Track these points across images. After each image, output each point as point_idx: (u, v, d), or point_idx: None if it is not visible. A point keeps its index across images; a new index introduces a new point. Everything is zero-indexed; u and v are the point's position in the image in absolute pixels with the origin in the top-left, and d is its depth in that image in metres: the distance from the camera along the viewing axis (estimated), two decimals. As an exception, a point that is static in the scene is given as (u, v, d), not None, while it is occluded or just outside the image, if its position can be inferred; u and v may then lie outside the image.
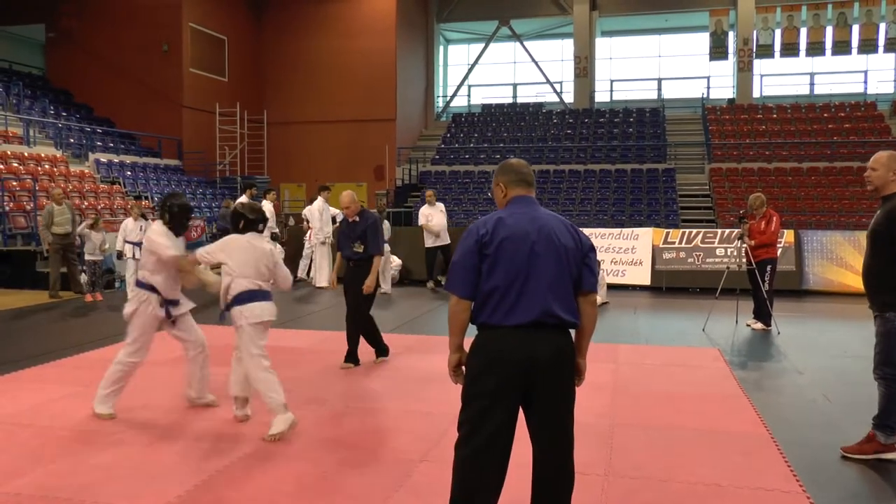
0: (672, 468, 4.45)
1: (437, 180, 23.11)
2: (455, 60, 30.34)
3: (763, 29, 25.04)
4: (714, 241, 13.40)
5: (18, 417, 5.37)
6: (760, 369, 7.37)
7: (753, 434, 5.12)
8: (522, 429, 3.14)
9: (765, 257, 9.32)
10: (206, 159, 23.41)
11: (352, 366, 6.99)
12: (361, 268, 6.80)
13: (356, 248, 6.76)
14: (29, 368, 6.93)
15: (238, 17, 25.11)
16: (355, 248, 6.77)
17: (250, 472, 4.34)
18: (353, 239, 6.77)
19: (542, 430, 3.13)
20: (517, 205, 3.24)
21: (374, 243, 6.78)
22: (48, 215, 12.00)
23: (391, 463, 4.51)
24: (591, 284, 3.20)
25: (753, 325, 9.45)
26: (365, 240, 6.75)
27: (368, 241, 6.76)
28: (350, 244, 6.79)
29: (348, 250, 6.86)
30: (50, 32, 23.63)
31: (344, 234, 6.98)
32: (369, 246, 6.77)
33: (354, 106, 24.82)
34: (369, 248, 6.78)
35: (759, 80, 26.30)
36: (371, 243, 6.77)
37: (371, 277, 6.77)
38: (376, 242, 6.82)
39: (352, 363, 7.02)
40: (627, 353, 7.82)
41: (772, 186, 19.76)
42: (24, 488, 4.09)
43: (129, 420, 5.31)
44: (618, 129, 24.74)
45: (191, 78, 22.93)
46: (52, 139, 18.98)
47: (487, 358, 3.08)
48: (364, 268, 6.79)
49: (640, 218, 19.15)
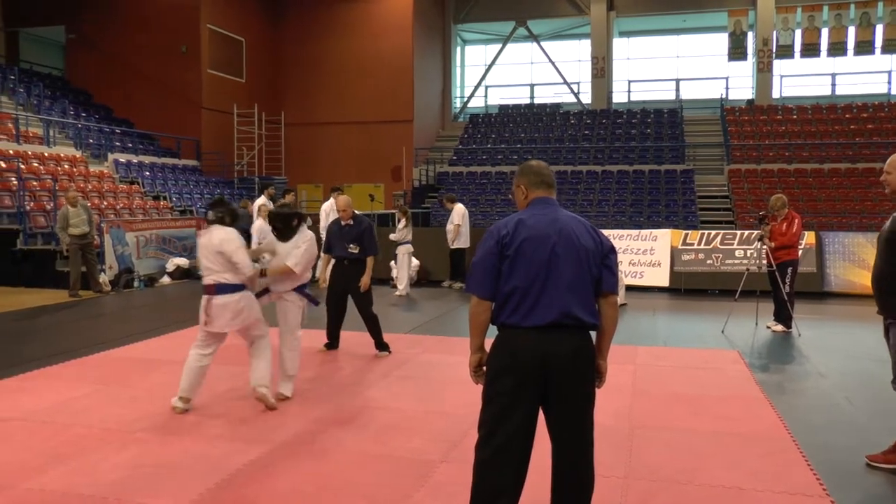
0: (692, 471, 4.41)
1: (454, 181, 23.12)
2: (472, 61, 30.32)
3: (783, 29, 24.82)
4: (733, 242, 13.30)
5: (40, 415, 5.41)
6: (781, 372, 7.30)
7: (775, 437, 5.07)
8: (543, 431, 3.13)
9: (786, 259, 9.23)
10: (223, 160, 23.52)
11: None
12: (355, 266, 7.38)
13: (351, 248, 7.35)
14: (50, 366, 6.98)
15: (256, 19, 25.23)
16: (350, 248, 7.35)
17: (270, 471, 4.36)
18: (349, 240, 7.37)
19: (562, 430, 3.12)
20: (538, 206, 3.24)
21: (371, 245, 7.44)
22: (63, 218, 12.14)
23: (411, 463, 4.51)
24: (611, 286, 3.19)
25: (774, 327, 9.36)
26: (362, 242, 7.37)
27: (366, 244, 7.39)
28: (345, 245, 7.37)
29: (342, 251, 7.41)
30: (70, 34, 23.83)
31: (336, 235, 7.51)
32: (367, 248, 7.41)
33: (372, 107, 24.86)
34: (367, 250, 7.41)
35: (779, 80, 26.07)
36: (368, 245, 7.41)
37: (367, 275, 7.38)
38: (373, 244, 7.47)
39: (332, 347, 7.77)
40: (646, 354, 7.77)
41: (792, 188, 19.59)
42: (48, 484, 4.12)
43: (149, 418, 5.34)
44: (635, 130, 24.64)
45: (209, 79, 23.06)
46: (71, 139, 19.13)
47: (507, 358, 3.08)
48: (357, 267, 7.38)
49: (658, 219, 19.06)
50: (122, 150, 20.32)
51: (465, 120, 27.98)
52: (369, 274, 7.41)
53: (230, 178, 23.40)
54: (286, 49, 25.93)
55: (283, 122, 25.43)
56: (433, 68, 27.40)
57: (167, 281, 14.26)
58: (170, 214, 17.49)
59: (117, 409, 5.58)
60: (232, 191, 22.21)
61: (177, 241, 15.23)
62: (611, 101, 27.12)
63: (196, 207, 19.11)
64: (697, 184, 21.40)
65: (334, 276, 7.53)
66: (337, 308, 7.63)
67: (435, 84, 27.68)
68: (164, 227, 15.12)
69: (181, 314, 10.46)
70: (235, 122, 23.90)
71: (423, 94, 25.93)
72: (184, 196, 19.57)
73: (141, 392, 6.07)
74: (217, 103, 23.26)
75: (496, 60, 28.99)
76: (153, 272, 14.19)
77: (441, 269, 14.00)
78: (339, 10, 25.29)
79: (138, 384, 6.35)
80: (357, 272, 7.36)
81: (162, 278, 14.26)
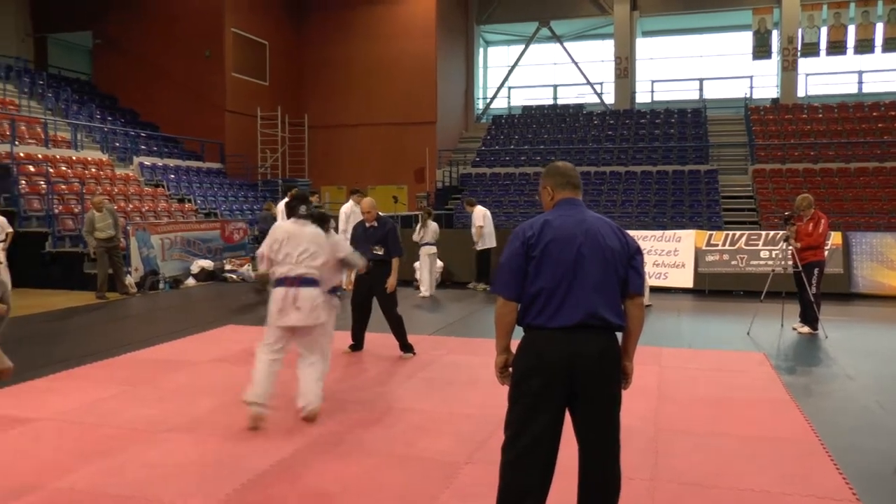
0: (719, 474, 4.38)
1: (477, 182, 23.11)
2: (495, 62, 30.30)
3: (808, 27, 24.52)
4: (758, 243, 13.17)
5: (69, 415, 5.49)
6: (808, 374, 7.22)
7: (803, 440, 5.02)
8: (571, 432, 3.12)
9: (812, 260, 9.12)
10: (247, 162, 23.69)
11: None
12: (379, 268, 7.31)
13: (376, 250, 7.36)
14: (78, 367, 7.07)
15: (279, 22, 25.39)
16: (375, 250, 7.36)
17: (296, 472, 4.38)
18: (373, 242, 7.40)
19: (588, 431, 3.11)
20: (564, 207, 3.23)
21: (395, 246, 7.46)
22: (89, 222, 12.30)
23: (437, 464, 4.51)
24: (637, 287, 3.18)
25: (800, 328, 9.26)
26: (386, 243, 7.42)
27: (390, 245, 7.43)
28: (369, 247, 7.34)
29: (367, 252, 7.27)
30: (97, 39, 24.14)
31: (361, 237, 7.54)
32: (391, 249, 7.43)
33: (395, 109, 24.92)
34: (391, 251, 7.42)
35: (804, 79, 25.78)
36: (392, 247, 7.44)
37: (393, 276, 7.41)
38: (397, 245, 7.48)
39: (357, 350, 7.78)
40: (671, 356, 7.72)
41: (818, 187, 19.36)
42: (77, 484, 4.18)
43: (176, 419, 5.38)
44: (659, 130, 24.48)
45: (233, 82, 23.24)
46: (98, 143, 19.38)
47: (533, 359, 3.08)
48: (382, 269, 7.34)
49: (682, 220, 18.93)
50: (148, 153, 20.54)
51: (489, 121, 27.96)
52: (395, 275, 7.42)
53: (254, 180, 23.57)
54: (309, 52, 26.07)
55: (307, 125, 25.57)
56: (456, 70, 27.41)
57: (192, 283, 14.39)
58: (194, 217, 17.65)
59: (144, 409, 5.64)
60: (255, 193, 22.38)
61: (201, 243, 15.36)
62: (634, 101, 26.97)
63: (220, 210, 19.28)
64: (721, 184, 21.22)
65: (359, 277, 7.47)
66: (362, 310, 7.66)
67: (458, 85, 27.69)
68: (188, 229, 15.26)
69: (206, 315, 10.57)
70: (259, 125, 24.08)
71: (446, 96, 25.95)
72: (208, 199, 19.74)
73: (167, 393, 6.13)
74: (241, 106, 23.45)
75: (519, 61, 28.93)
76: (178, 274, 14.33)
77: (465, 270, 14.00)
78: (362, 13, 25.37)
79: (164, 385, 6.41)
80: (382, 274, 7.34)
81: (187, 280, 14.40)
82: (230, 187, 21.67)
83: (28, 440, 4.94)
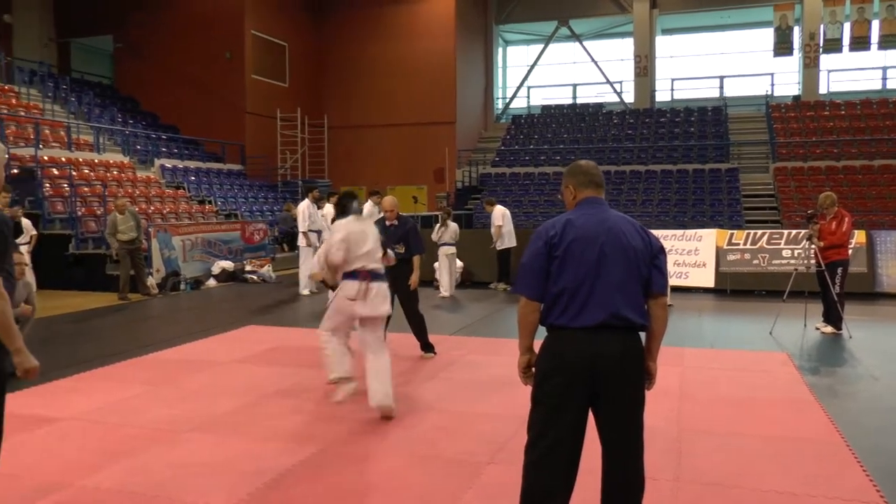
0: (743, 475, 4.34)
1: (497, 182, 23.09)
2: (514, 62, 30.25)
3: (831, 22, 24.24)
4: (780, 242, 13.05)
5: (93, 414, 5.55)
6: (832, 374, 7.14)
7: (827, 441, 4.96)
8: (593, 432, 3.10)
9: (835, 259, 9.02)
10: (267, 164, 23.83)
11: (433, 355, 7.60)
12: (401, 267, 7.32)
13: (397, 249, 7.37)
14: (101, 367, 7.15)
15: (298, 24, 25.51)
16: (396, 249, 7.36)
17: (318, 472, 4.40)
18: (394, 241, 7.38)
19: (611, 432, 3.09)
20: (586, 206, 3.21)
21: (416, 245, 7.52)
22: (111, 224, 12.43)
23: (459, 464, 4.51)
24: (660, 286, 3.16)
25: (823, 328, 9.16)
26: (408, 241, 7.45)
27: (411, 243, 7.47)
28: (390, 245, 7.32)
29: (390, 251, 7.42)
30: (118, 43, 24.40)
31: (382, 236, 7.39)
32: (412, 247, 7.46)
33: (414, 109, 24.96)
34: (413, 249, 7.46)
35: (827, 75, 25.52)
36: (414, 245, 7.49)
37: (416, 274, 7.43)
38: (418, 244, 7.55)
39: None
40: (693, 356, 7.66)
41: (841, 185, 19.16)
42: (102, 483, 4.22)
43: (198, 419, 5.43)
44: (679, 129, 24.34)
45: (253, 84, 23.38)
46: (119, 146, 19.57)
47: (555, 359, 3.07)
48: (403, 267, 7.34)
49: (702, 219, 18.80)
50: (169, 155, 20.72)
51: (508, 121, 27.93)
52: (418, 272, 7.45)
53: (274, 181, 23.71)
54: (329, 53, 26.17)
55: (326, 126, 25.67)
56: (475, 69, 27.40)
57: (213, 283, 14.49)
58: (215, 218, 17.78)
59: (167, 409, 5.68)
60: (276, 194, 22.51)
61: (222, 244, 15.47)
62: (654, 99, 26.83)
63: (241, 211, 19.39)
64: (742, 182, 21.06)
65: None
66: None
67: (477, 85, 27.69)
68: (209, 230, 15.37)
69: (227, 316, 10.64)
70: (279, 126, 24.21)
71: (465, 96, 25.95)
72: (228, 200, 19.87)
73: (189, 393, 6.18)
74: (261, 108, 23.59)
75: (538, 61, 28.87)
76: (199, 275, 14.44)
77: (485, 270, 13.98)
78: (381, 14, 25.44)
79: (186, 385, 6.46)
80: (403, 272, 7.35)
81: (208, 281, 14.50)
82: (250, 188, 21.80)
83: (54, 439, 5.00)
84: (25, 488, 4.13)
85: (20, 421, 5.23)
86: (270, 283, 14.92)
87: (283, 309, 11.51)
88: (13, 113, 17.42)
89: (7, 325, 3.03)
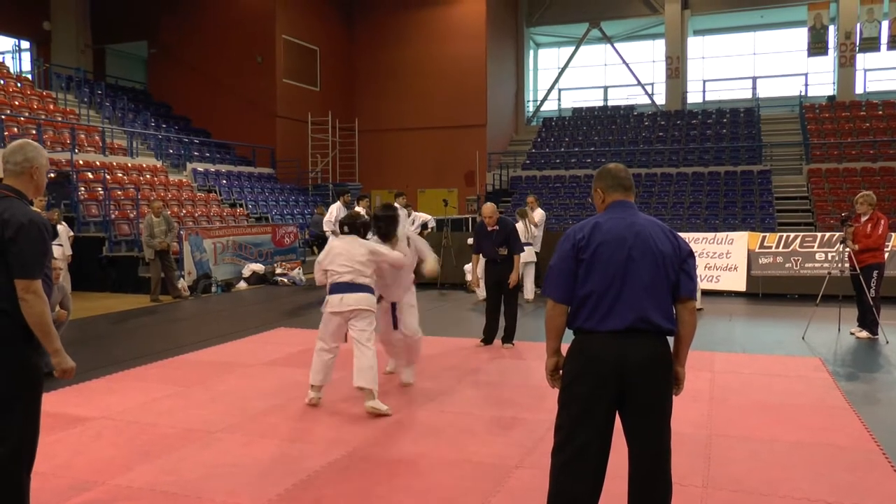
0: (774, 482, 4.28)
1: (527, 185, 23.03)
2: (545, 64, 30.19)
3: (867, 21, 23.82)
4: (814, 245, 12.84)
5: (126, 414, 5.63)
6: (867, 380, 7.01)
7: (862, 448, 4.87)
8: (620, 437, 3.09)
9: (871, 262, 8.85)
10: (298, 167, 24.01)
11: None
12: (504, 266, 8.21)
13: (501, 251, 8.20)
14: (134, 368, 7.25)
15: (329, 28, 25.69)
16: (500, 251, 8.20)
17: (347, 474, 4.42)
18: (498, 244, 8.22)
19: (638, 436, 3.08)
20: (615, 210, 3.20)
21: (516, 245, 8.29)
22: (148, 227, 12.57)
23: (486, 467, 4.51)
24: (689, 291, 3.13)
25: (858, 333, 9.00)
26: (509, 244, 8.23)
27: (511, 245, 8.24)
28: (494, 248, 8.24)
29: (491, 253, 8.28)
30: (151, 49, 24.80)
31: (486, 239, 8.35)
32: (513, 248, 8.24)
33: (445, 112, 24.99)
34: (512, 250, 8.23)
35: (863, 75, 25.09)
36: (514, 246, 8.26)
37: (515, 273, 8.22)
38: (517, 244, 8.34)
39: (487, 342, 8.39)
40: (724, 361, 7.58)
41: (877, 187, 18.78)
42: (135, 481, 4.29)
43: (228, 419, 5.48)
44: (711, 131, 24.09)
45: (284, 88, 23.59)
46: (152, 150, 19.87)
47: (582, 362, 3.06)
48: (506, 266, 8.21)
49: (734, 222, 18.59)
50: (200, 159, 20.98)
51: (539, 124, 27.87)
52: (517, 272, 8.21)
53: (305, 185, 23.88)
54: (360, 57, 26.31)
55: (357, 129, 25.79)
56: (506, 72, 27.37)
57: (243, 286, 14.64)
58: (246, 221, 17.96)
59: (198, 409, 5.76)
60: (306, 198, 22.66)
61: (252, 247, 15.62)
62: (685, 101, 26.60)
63: (271, 214, 19.57)
64: (775, 184, 20.78)
65: (491, 276, 8.36)
66: (494, 302, 8.40)
67: (508, 88, 27.66)
68: (240, 233, 15.53)
69: (257, 318, 10.74)
70: (310, 130, 24.39)
71: (496, 99, 25.94)
72: (259, 203, 20.06)
73: (220, 394, 6.25)
74: (292, 112, 23.79)
75: (569, 63, 28.78)
76: (230, 278, 14.60)
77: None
78: (412, 17, 25.52)
79: (217, 386, 6.53)
80: (507, 271, 8.17)
81: (238, 283, 14.65)
82: (281, 192, 21.98)
83: (89, 438, 5.09)
84: (60, 486, 4.21)
85: (56, 420, 5.34)
86: (300, 285, 15.03)
87: (313, 311, 11.58)
88: (51, 118, 17.78)
89: (46, 327, 3.11)
